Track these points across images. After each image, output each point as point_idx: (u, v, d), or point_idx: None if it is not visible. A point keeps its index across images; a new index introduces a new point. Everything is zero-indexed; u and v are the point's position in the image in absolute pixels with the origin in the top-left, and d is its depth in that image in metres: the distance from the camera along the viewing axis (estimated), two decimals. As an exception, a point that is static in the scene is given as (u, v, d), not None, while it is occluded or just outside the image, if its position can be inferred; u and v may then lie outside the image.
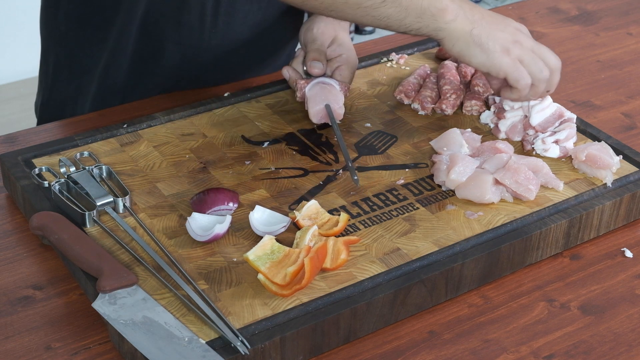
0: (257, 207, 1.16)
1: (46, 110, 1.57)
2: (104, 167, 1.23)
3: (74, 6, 1.43)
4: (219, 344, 0.99)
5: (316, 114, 1.32)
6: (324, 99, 1.33)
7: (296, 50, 1.45)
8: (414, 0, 1.21)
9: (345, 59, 1.38)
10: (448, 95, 1.39)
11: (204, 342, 0.99)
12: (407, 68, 1.52)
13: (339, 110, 1.33)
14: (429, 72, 1.47)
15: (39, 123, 1.62)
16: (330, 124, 1.34)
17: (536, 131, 1.32)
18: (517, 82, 1.26)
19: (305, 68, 1.39)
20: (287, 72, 1.40)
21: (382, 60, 1.54)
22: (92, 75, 1.48)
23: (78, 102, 1.50)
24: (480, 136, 1.32)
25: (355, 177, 1.23)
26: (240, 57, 1.52)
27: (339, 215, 1.16)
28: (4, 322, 1.06)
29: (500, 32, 1.24)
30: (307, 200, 1.20)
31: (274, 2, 1.47)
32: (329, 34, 1.39)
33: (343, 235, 1.15)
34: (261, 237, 1.11)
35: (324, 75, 1.37)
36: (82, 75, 1.49)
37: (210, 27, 1.43)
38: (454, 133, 1.29)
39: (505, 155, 1.24)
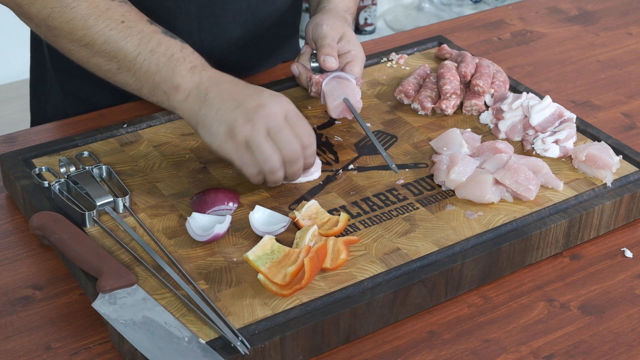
0: (257, 207, 1.16)
1: (46, 111, 1.57)
2: (104, 167, 1.23)
3: None
4: (219, 344, 0.99)
5: (335, 108, 1.33)
6: (341, 93, 1.33)
7: (302, 47, 1.45)
8: (147, 74, 1.16)
9: (354, 55, 1.38)
10: (448, 95, 1.39)
11: (204, 342, 0.99)
12: (407, 68, 1.52)
13: (357, 104, 1.33)
14: (429, 72, 1.47)
15: (32, 122, 1.62)
16: (349, 118, 1.35)
17: (536, 131, 1.32)
18: (241, 170, 1.15)
19: (312, 64, 1.39)
20: (296, 69, 1.39)
21: (382, 60, 1.54)
22: (90, 84, 1.48)
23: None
24: (480, 136, 1.32)
25: (394, 165, 1.24)
26: (236, 57, 1.51)
27: (339, 215, 1.16)
28: (4, 322, 1.06)
29: (231, 111, 1.13)
30: (307, 200, 1.20)
31: (265, 0, 1.47)
32: (338, 30, 1.39)
33: (343, 235, 1.15)
34: (261, 237, 1.11)
35: (338, 70, 1.37)
36: (80, 84, 1.49)
37: (198, 29, 1.43)
38: (454, 133, 1.29)
39: (505, 155, 1.24)
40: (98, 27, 1.16)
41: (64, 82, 1.51)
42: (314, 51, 1.40)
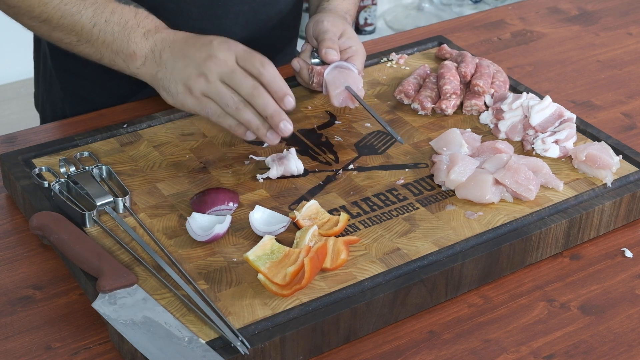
0: (257, 207, 1.16)
1: (45, 109, 1.58)
2: (104, 167, 1.23)
3: None
4: (219, 344, 0.99)
5: (337, 96, 1.33)
6: (343, 82, 1.34)
7: (301, 46, 1.45)
8: (105, 44, 1.20)
9: (355, 50, 1.39)
10: (448, 95, 1.39)
11: (204, 342, 0.99)
12: (407, 68, 1.52)
13: (360, 93, 1.34)
14: (429, 72, 1.47)
15: (42, 120, 1.62)
16: (352, 107, 1.37)
17: (536, 131, 1.32)
18: (209, 119, 1.18)
19: (313, 60, 1.39)
20: (297, 64, 1.40)
21: (382, 60, 1.54)
22: (92, 82, 1.48)
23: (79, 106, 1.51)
24: (480, 136, 1.32)
25: (399, 138, 1.29)
26: None
27: (339, 215, 1.16)
28: (4, 322, 1.06)
29: (183, 68, 1.17)
30: (307, 200, 1.20)
31: (267, 2, 1.47)
32: (339, 27, 1.40)
33: (343, 235, 1.15)
34: (261, 237, 1.11)
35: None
36: (82, 83, 1.49)
37: (200, 31, 1.43)
38: (454, 133, 1.29)
39: (505, 155, 1.24)
40: (53, 2, 1.19)
41: (63, 80, 1.51)
42: (314, 48, 1.40)
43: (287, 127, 1.17)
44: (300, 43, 1.56)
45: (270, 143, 1.19)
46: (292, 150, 1.26)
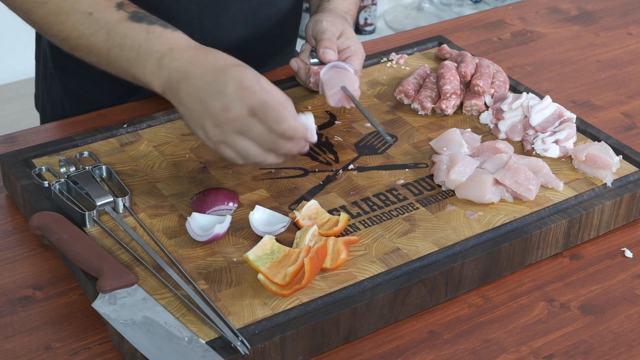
0: (257, 207, 1.16)
1: (45, 109, 1.58)
2: (104, 167, 1.23)
3: None
4: (219, 344, 0.99)
5: (333, 96, 1.33)
6: (339, 82, 1.34)
7: (302, 45, 1.45)
8: (122, 68, 1.16)
9: (354, 50, 1.39)
10: (448, 95, 1.39)
11: (204, 342, 0.99)
12: (407, 68, 1.52)
13: (355, 93, 1.34)
14: (428, 72, 1.47)
15: (42, 120, 1.62)
16: (348, 107, 1.37)
17: (536, 131, 1.32)
18: (231, 161, 1.14)
19: (312, 60, 1.39)
20: (295, 63, 1.40)
21: (382, 60, 1.54)
22: (92, 81, 1.48)
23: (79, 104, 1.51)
24: (480, 136, 1.32)
25: (389, 137, 1.27)
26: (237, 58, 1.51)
27: (339, 215, 1.16)
28: (4, 322, 1.06)
29: (200, 115, 1.11)
30: (307, 200, 1.20)
31: (267, 1, 1.47)
32: (338, 27, 1.40)
33: (343, 235, 1.15)
34: (261, 237, 1.11)
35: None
36: (82, 81, 1.49)
37: (200, 29, 1.43)
38: (454, 133, 1.29)
39: (505, 155, 1.24)
40: (69, 22, 1.16)
41: (63, 79, 1.51)
42: (313, 48, 1.40)
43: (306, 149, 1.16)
44: (300, 43, 1.56)
45: None
46: (310, 115, 1.20)
